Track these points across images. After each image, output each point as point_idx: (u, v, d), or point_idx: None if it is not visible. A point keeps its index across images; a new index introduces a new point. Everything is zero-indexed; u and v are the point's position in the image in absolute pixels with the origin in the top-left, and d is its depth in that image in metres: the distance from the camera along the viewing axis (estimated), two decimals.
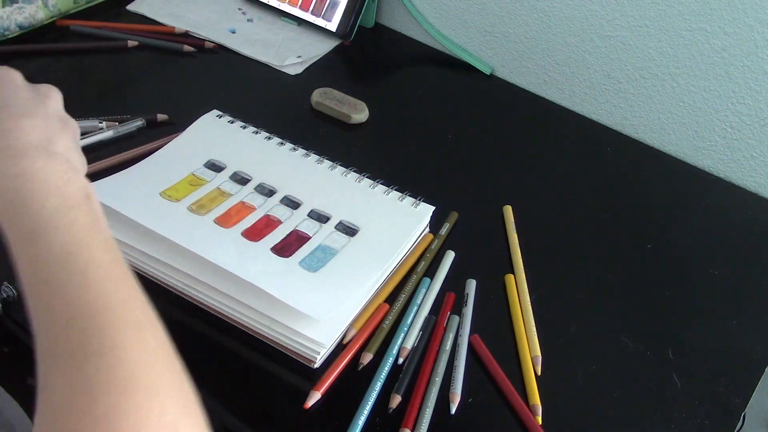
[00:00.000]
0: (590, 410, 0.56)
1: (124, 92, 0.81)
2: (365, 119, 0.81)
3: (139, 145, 0.71)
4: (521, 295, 0.63)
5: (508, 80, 0.92)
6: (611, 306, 0.64)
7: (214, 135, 0.71)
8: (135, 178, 0.65)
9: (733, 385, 0.59)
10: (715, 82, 0.77)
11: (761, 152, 0.78)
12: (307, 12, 0.94)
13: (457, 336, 0.59)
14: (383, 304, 0.61)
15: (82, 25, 0.87)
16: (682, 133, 0.82)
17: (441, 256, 0.66)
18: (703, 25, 0.75)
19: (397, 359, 0.57)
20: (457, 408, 0.54)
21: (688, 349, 0.61)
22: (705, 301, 0.66)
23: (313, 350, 0.54)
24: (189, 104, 0.77)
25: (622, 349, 0.60)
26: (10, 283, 0.57)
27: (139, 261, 0.59)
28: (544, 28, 0.86)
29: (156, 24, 0.91)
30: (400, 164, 0.76)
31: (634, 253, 0.70)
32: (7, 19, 0.83)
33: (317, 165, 0.70)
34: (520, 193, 0.75)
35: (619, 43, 0.81)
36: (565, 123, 0.87)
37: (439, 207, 0.68)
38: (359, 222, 0.64)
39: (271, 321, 0.55)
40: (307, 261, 0.59)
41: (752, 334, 0.63)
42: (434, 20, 0.94)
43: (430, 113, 0.85)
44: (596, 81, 0.85)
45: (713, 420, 0.56)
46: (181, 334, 0.58)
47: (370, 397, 0.53)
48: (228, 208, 0.63)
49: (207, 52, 0.88)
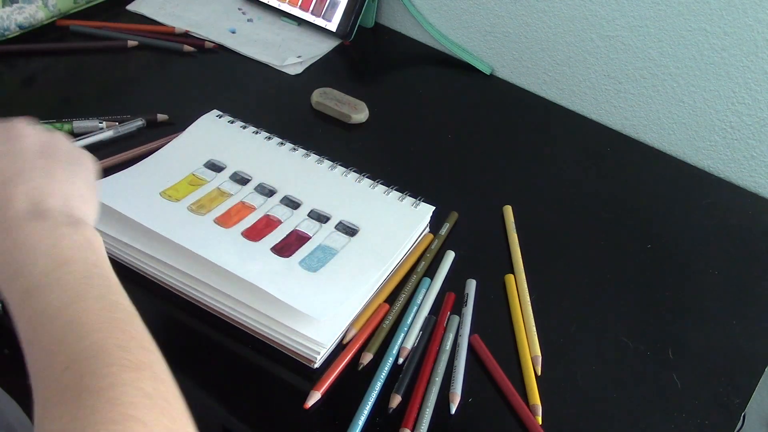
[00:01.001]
0: (590, 410, 0.56)
1: (124, 92, 0.81)
2: (365, 119, 0.81)
3: (139, 145, 0.71)
4: (521, 295, 0.63)
5: (508, 80, 0.92)
6: (611, 306, 0.64)
7: (214, 135, 0.71)
8: (135, 178, 0.65)
9: (733, 385, 0.59)
10: (715, 82, 0.77)
11: (761, 152, 0.78)
12: (307, 12, 0.94)
13: (457, 336, 0.59)
14: (383, 304, 0.61)
15: (82, 25, 0.87)
16: (682, 133, 0.82)
17: (441, 256, 0.66)
18: (703, 25, 0.75)
19: (397, 359, 0.57)
20: (457, 408, 0.54)
21: (688, 349, 0.61)
22: (705, 301, 0.66)
23: (313, 350, 0.54)
24: (189, 104, 0.77)
25: (622, 349, 0.60)
26: None
27: (139, 261, 0.59)
28: (544, 28, 0.86)
29: (156, 24, 0.91)
30: (400, 164, 0.76)
31: (634, 253, 0.70)
32: (7, 19, 0.83)
33: (317, 165, 0.70)
34: (520, 193, 0.75)
35: (619, 43, 0.81)
36: (565, 123, 0.87)
37: (439, 207, 0.68)
38: (359, 222, 0.64)
39: (271, 321, 0.55)
40: (307, 261, 0.59)
41: (752, 334, 0.63)
42: (434, 20, 0.94)
43: (430, 113, 0.85)
44: (596, 81, 0.85)
45: (713, 420, 0.56)
46: (181, 334, 0.59)
47: (370, 397, 0.53)
48: (228, 208, 0.63)
49: (207, 52, 0.88)
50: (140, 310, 0.43)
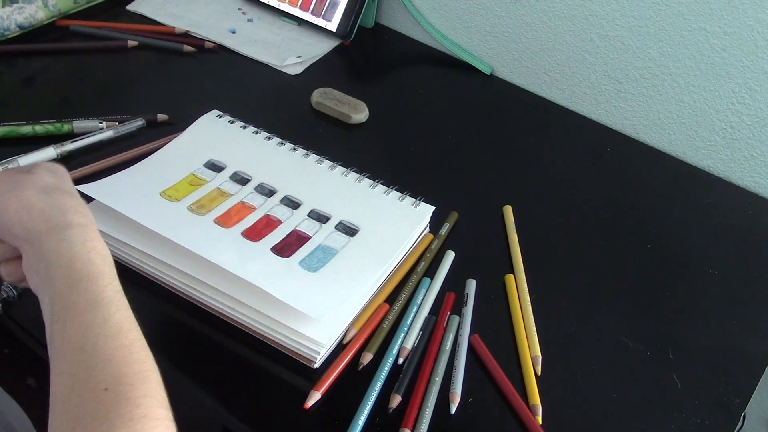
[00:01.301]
0: (590, 410, 0.56)
1: (124, 92, 0.81)
2: (365, 119, 0.81)
3: (139, 145, 0.71)
4: (521, 295, 0.63)
5: (508, 80, 0.92)
6: (611, 306, 0.64)
7: (214, 135, 0.71)
8: (135, 178, 0.65)
9: (733, 385, 0.59)
10: (715, 82, 0.77)
11: (761, 152, 0.78)
12: (307, 12, 0.94)
13: (457, 336, 0.59)
14: (383, 304, 0.61)
15: (82, 25, 0.88)
16: (682, 133, 0.82)
17: (441, 256, 0.66)
18: (703, 25, 0.75)
19: (397, 359, 0.57)
20: (457, 408, 0.54)
21: (688, 349, 0.61)
22: (705, 301, 0.66)
23: (313, 350, 0.54)
24: (189, 104, 0.77)
25: (622, 349, 0.60)
26: (10, 283, 0.57)
27: (139, 261, 0.59)
28: (544, 28, 0.86)
29: (156, 24, 0.91)
30: (400, 164, 0.76)
31: (634, 253, 0.70)
32: (7, 19, 0.83)
33: (317, 165, 0.70)
34: (520, 193, 0.75)
35: (619, 43, 0.81)
36: (565, 123, 0.87)
37: (439, 207, 0.68)
38: (359, 222, 0.64)
39: (271, 321, 0.55)
40: (307, 261, 0.59)
41: (752, 334, 0.63)
42: (434, 20, 0.94)
43: (430, 113, 0.85)
44: (596, 81, 0.85)
45: (713, 420, 0.56)
46: (181, 334, 0.59)
47: (370, 397, 0.53)
48: (228, 208, 0.63)
49: (207, 52, 0.88)
50: (140, 310, 0.43)
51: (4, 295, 0.57)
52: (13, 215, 0.44)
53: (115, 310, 0.41)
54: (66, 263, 0.42)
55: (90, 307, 0.41)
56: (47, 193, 0.45)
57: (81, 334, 0.40)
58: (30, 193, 0.45)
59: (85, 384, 0.38)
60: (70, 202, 0.46)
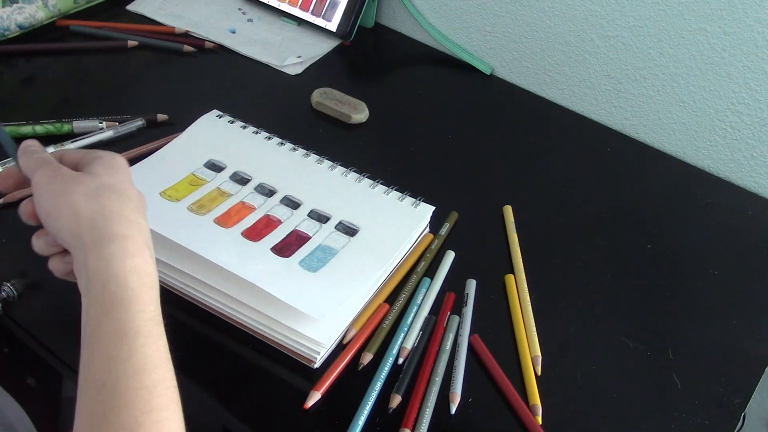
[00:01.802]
0: (590, 410, 0.56)
1: (124, 92, 0.81)
2: (365, 119, 0.81)
3: (139, 145, 0.71)
4: (521, 295, 0.63)
5: (508, 80, 0.92)
6: (611, 306, 0.64)
7: (214, 135, 0.71)
8: (135, 178, 0.65)
9: (733, 385, 0.59)
10: (715, 82, 0.77)
11: (761, 152, 0.78)
12: (307, 12, 0.94)
13: (457, 336, 0.59)
14: (383, 304, 0.61)
15: (82, 25, 0.88)
16: (682, 133, 0.82)
17: (441, 256, 0.66)
18: (703, 25, 0.75)
19: (397, 359, 0.57)
20: (457, 408, 0.54)
21: (688, 349, 0.61)
22: (705, 301, 0.66)
23: (313, 350, 0.55)
24: (189, 104, 0.77)
25: (622, 349, 0.60)
26: (11, 283, 0.57)
27: None
28: (544, 28, 0.86)
29: (156, 24, 0.91)
30: (400, 164, 0.76)
31: (634, 253, 0.70)
32: (7, 19, 0.83)
33: (317, 165, 0.70)
34: (520, 193, 0.75)
35: (619, 43, 0.81)
36: (565, 123, 0.87)
37: (439, 207, 0.68)
38: (359, 222, 0.64)
39: (271, 321, 0.55)
40: (307, 261, 0.59)
41: (752, 334, 0.63)
42: (434, 20, 0.94)
43: (430, 113, 0.85)
44: (596, 81, 0.85)
45: (713, 420, 0.56)
46: (181, 334, 0.58)
47: (370, 397, 0.53)
48: (228, 208, 0.63)
49: (207, 52, 0.88)
50: None
51: (4, 295, 0.57)
52: (63, 222, 0.43)
53: (143, 343, 0.40)
54: (102, 285, 0.41)
55: (116, 339, 0.40)
56: (96, 198, 0.44)
57: (104, 369, 0.39)
58: (78, 199, 0.43)
59: (102, 426, 0.38)
60: (118, 207, 0.44)
